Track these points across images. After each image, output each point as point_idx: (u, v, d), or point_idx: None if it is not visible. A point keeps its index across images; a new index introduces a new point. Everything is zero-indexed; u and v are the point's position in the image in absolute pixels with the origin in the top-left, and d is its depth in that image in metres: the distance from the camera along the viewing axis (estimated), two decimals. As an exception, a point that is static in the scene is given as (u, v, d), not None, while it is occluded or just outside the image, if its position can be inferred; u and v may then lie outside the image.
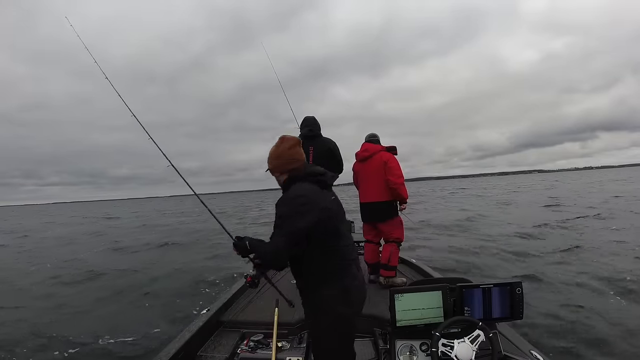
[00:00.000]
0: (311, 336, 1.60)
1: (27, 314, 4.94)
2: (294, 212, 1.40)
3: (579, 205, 15.40)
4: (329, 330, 1.49)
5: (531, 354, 1.86)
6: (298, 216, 1.39)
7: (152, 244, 11.49)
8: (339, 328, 1.49)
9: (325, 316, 1.47)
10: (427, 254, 6.99)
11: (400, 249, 3.29)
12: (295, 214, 1.40)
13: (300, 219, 1.39)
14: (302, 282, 1.56)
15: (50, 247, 12.69)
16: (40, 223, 28.86)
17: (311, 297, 1.53)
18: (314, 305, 1.53)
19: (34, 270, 8.28)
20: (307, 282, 1.53)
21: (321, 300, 1.47)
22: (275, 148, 1.58)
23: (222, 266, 7.26)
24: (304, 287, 1.56)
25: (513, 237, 8.60)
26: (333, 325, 1.48)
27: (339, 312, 1.46)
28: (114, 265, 8.06)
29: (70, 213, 48.84)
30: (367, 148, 3.27)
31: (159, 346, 3.08)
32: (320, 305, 1.48)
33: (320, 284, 1.48)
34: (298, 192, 1.45)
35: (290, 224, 1.40)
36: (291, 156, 1.54)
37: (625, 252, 6.44)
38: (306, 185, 1.48)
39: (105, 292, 5.84)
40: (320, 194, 1.49)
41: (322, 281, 1.47)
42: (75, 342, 3.83)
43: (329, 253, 1.48)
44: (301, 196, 1.43)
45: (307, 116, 3.39)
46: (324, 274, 1.47)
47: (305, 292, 1.56)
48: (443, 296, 1.75)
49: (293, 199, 1.44)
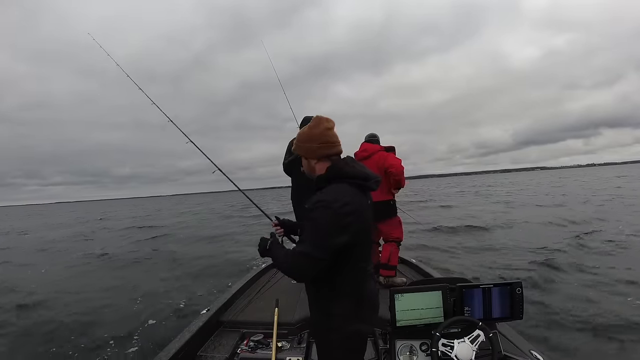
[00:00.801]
0: (319, 351, 1.43)
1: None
2: (334, 223, 1.17)
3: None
4: (340, 348, 1.33)
5: (531, 354, 1.86)
6: (338, 229, 1.18)
7: (138, 255, 9.51)
8: (351, 345, 1.34)
9: (337, 333, 1.30)
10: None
11: (399, 248, 3.29)
12: (334, 226, 1.17)
13: (340, 233, 1.18)
14: (315, 292, 1.37)
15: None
16: (29, 224, 27.83)
17: (323, 310, 1.34)
18: (325, 320, 1.34)
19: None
20: (321, 294, 1.34)
21: (335, 315, 1.29)
22: (307, 129, 1.34)
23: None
24: (316, 300, 1.38)
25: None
26: (345, 344, 1.32)
27: (353, 329, 1.31)
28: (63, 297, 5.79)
29: (67, 213, 48.43)
30: (366, 148, 3.28)
31: (159, 346, 3.08)
32: (334, 321, 1.30)
33: (335, 298, 1.30)
34: (342, 198, 1.20)
35: (326, 236, 1.18)
36: (330, 137, 1.32)
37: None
38: (349, 189, 1.24)
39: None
40: (363, 202, 1.28)
41: (337, 295, 1.29)
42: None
43: (355, 268, 1.29)
44: (346, 204, 1.19)
45: (306, 116, 3.39)
46: (343, 288, 1.29)
47: (317, 304, 1.38)
48: (443, 296, 1.75)
49: (337, 207, 1.18)
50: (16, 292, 6.27)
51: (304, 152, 1.37)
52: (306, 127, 1.37)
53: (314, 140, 1.33)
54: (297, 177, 3.17)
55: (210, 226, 16.83)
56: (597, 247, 6.99)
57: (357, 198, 1.25)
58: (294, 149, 1.43)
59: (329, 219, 1.17)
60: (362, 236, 1.26)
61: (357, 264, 1.29)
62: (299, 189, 3.22)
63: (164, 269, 7.56)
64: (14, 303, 5.45)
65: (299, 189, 3.22)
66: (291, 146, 3.39)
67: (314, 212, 1.21)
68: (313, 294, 1.39)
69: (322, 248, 1.18)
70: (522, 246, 7.44)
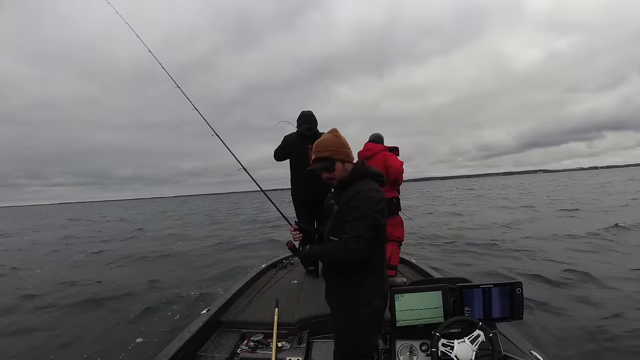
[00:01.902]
0: (340, 330, 1.60)
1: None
2: (375, 207, 1.45)
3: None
4: (368, 323, 1.53)
5: (531, 354, 1.86)
6: (378, 212, 1.45)
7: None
8: (376, 320, 1.55)
9: (366, 307, 1.52)
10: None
11: (400, 248, 3.30)
12: (375, 209, 1.45)
13: (380, 215, 1.46)
14: (346, 273, 1.55)
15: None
16: (19, 226, 25.20)
17: (353, 288, 1.54)
18: (354, 297, 1.54)
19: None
20: (353, 273, 1.54)
21: (363, 292, 1.52)
22: (336, 138, 1.60)
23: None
24: (347, 280, 1.55)
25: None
26: (372, 318, 1.53)
27: (378, 304, 1.54)
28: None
29: (66, 214, 47.85)
30: (370, 147, 3.30)
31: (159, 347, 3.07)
32: (362, 297, 1.52)
33: (364, 274, 1.52)
34: (378, 190, 1.51)
35: (372, 218, 1.44)
36: (350, 148, 1.62)
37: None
38: (374, 183, 1.55)
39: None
40: (383, 193, 1.55)
41: (366, 270, 1.52)
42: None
43: (382, 246, 1.58)
44: (378, 192, 1.50)
45: (304, 111, 3.35)
46: (372, 264, 1.53)
47: (347, 285, 1.56)
48: (443, 296, 1.75)
49: (374, 195, 1.47)
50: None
51: (343, 156, 1.58)
52: (332, 136, 1.60)
53: (347, 147, 1.60)
54: (302, 174, 3.23)
55: (182, 237, 12.60)
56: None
57: (381, 189, 1.54)
58: (331, 154, 1.56)
59: (372, 205, 1.44)
60: (386, 219, 1.54)
61: (383, 242, 1.58)
62: (306, 184, 3.30)
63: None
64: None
65: (306, 184, 3.30)
66: (289, 141, 3.38)
67: (354, 202, 1.46)
68: (343, 277, 1.55)
69: (371, 228, 1.43)
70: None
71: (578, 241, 7.60)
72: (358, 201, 1.46)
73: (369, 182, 1.54)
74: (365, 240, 1.42)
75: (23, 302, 5.43)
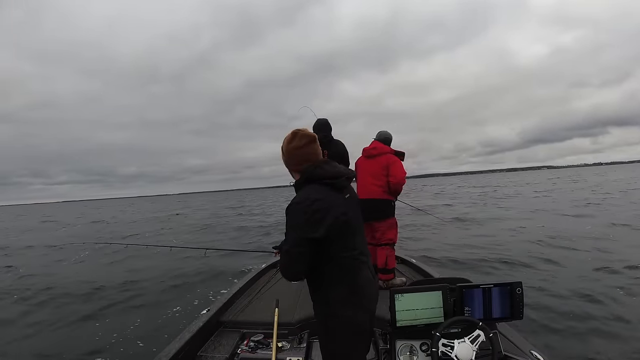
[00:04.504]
0: (322, 342, 1.47)
1: None
2: (305, 219, 1.28)
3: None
4: (339, 334, 1.38)
5: (531, 354, 1.86)
6: (311, 224, 1.27)
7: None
8: (348, 331, 1.37)
9: (334, 319, 1.37)
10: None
11: (394, 249, 3.28)
12: (306, 222, 1.28)
13: (314, 227, 1.27)
14: (313, 282, 1.45)
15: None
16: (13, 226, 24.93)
17: (322, 298, 1.42)
18: (324, 307, 1.41)
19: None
20: (317, 283, 1.42)
21: (331, 302, 1.37)
22: (286, 144, 1.44)
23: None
24: (314, 290, 1.45)
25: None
26: (343, 330, 1.37)
27: (349, 314, 1.35)
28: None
29: (64, 213, 47.44)
30: (376, 146, 3.24)
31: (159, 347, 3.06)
32: (330, 308, 1.37)
33: (329, 286, 1.37)
34: (310, 197, 1.31)
35: (300, 232, 1.29)
36: (302, 156, 1.42)
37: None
38: (316, 188, 1.35)
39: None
40: (337, 198, 1.37)
41: (330, 283, 1.37)
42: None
43: (342, 257, 1.36)
44: (315, 201, 1.29)
45: (320, 120, 3.31)
46: (334, 276, 1.36)
47: (315, 294, 1.45)
48: (443, 296, 1.75)
49: (306, 205, 1.30)
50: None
51: (284, 162, 1.51)
52: (285, 141, 1.46)
53: (290, 156, 1.45)
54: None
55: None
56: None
57: (329, 195, 1.35)
58: (285, 164, 1.53)
59: (300, 217, 1.30)
60: (341, 228, 1.34)
61: (342, 253, 1.36)
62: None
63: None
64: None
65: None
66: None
67: (287, 214, 1.35)
68: (311, 287, 1.46)
69: (299, 243, 1.29)
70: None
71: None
72: (287, 214, 1.34)
73: (311, 189, 1.35)
74: (294, 255, 1.30)
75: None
